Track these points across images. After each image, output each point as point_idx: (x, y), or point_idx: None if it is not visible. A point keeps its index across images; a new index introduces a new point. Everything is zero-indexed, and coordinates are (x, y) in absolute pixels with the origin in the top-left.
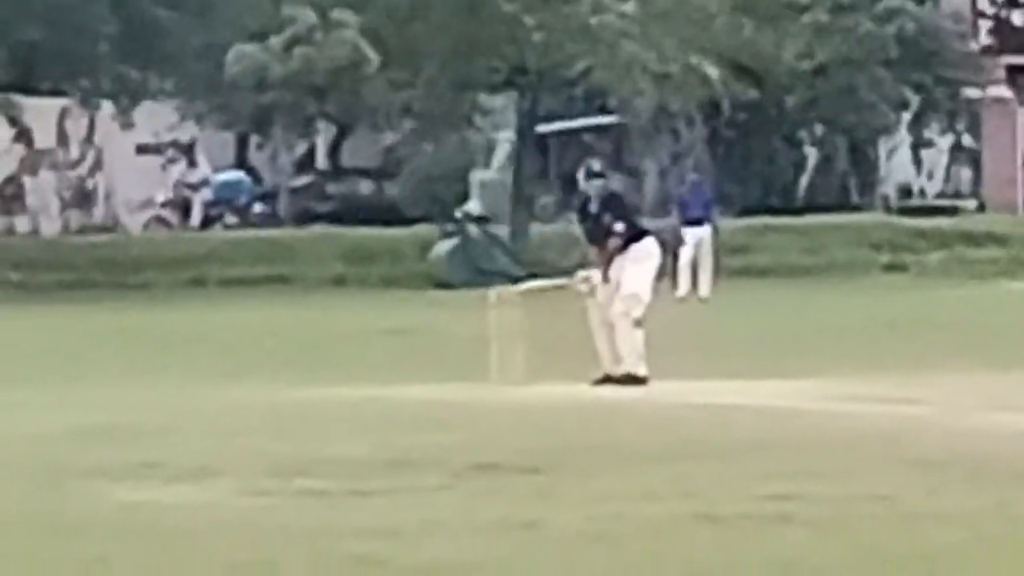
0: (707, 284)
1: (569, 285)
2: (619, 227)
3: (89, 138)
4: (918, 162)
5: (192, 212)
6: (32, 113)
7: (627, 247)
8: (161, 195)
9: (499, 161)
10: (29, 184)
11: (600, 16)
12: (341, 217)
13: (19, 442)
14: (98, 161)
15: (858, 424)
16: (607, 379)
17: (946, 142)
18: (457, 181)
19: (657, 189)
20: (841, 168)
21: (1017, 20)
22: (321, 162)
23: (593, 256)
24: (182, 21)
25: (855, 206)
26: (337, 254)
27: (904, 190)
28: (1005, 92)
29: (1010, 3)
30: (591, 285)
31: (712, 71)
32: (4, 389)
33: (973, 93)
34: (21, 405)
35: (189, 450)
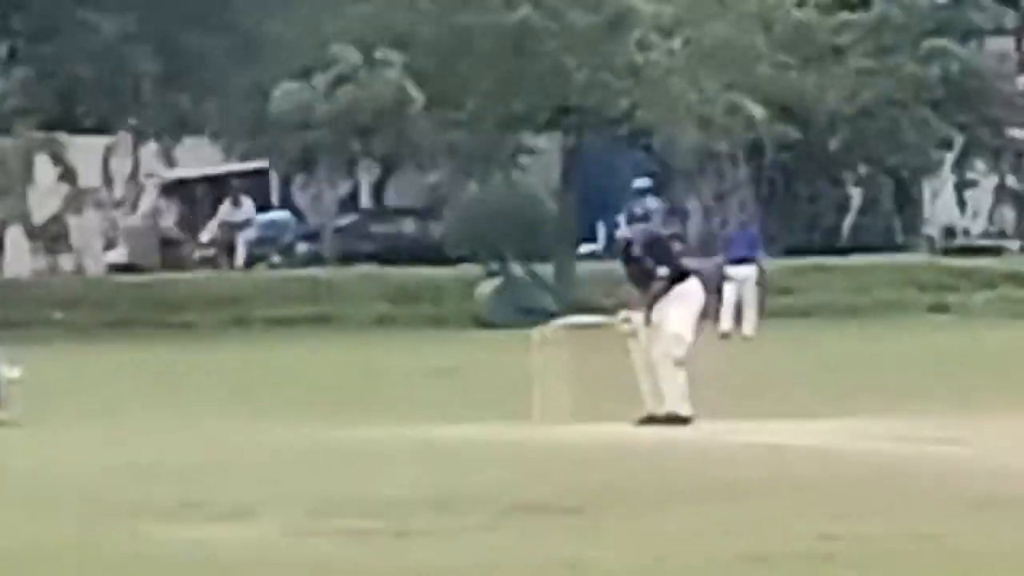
0: (752, 323)
1: (611, 324)
2: (662, 271)
3: (134, 177)
4: (962, 202)
5: (236, 251)
6: (76, 151)
7: (670, 288)
8: (205, 234)
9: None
10: (73, 223)
11: (646, 54)
12: (385, 257)
13: (62, 480)
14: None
15: (903, 464)
16: (651, 419)
17: (990, 182)
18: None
19: (700, 228)
20: (885, 208)
21: None
22: (365, 201)
23: (636, 298)
24: (227, 59)
25: (899, 246)
26: (381, 294)
27: (948, 230)
28: None
29: None
30: (633, 327)
31: (756, 111)
32: (47, 427)
33: (1018, 133)
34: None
35: (231, 489)
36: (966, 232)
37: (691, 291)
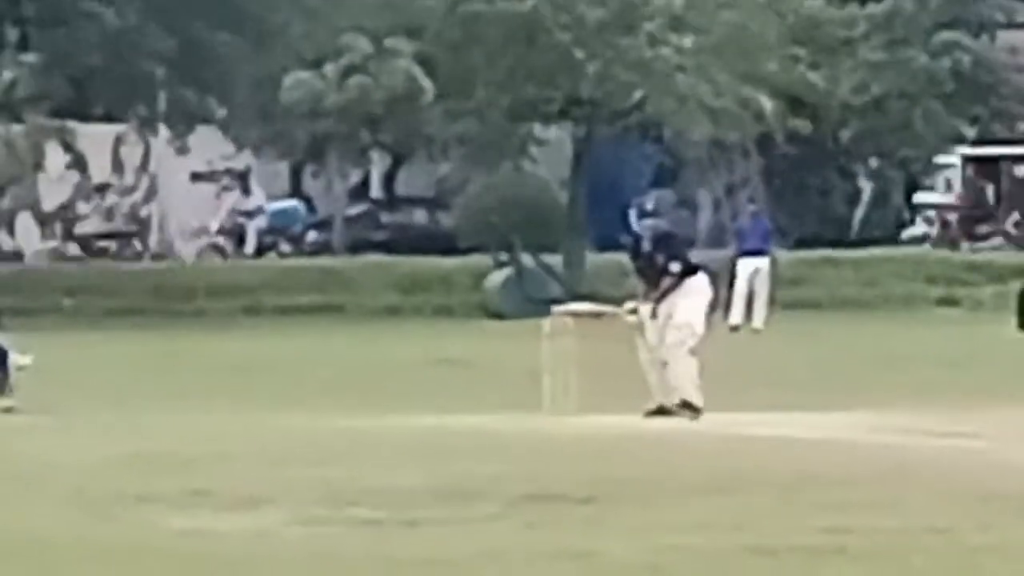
0: (762, 315)
1: (616, 313)
2: (674, 267)
3: (144, 165)
4: None
5: (246, 240)
6: (87, 140)
7: (680, 282)
8: (215, 223)
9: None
10: (83, 211)
11: (656, 49)
12: (395, 246)
13: (72, 469)
14: (152, 188)
15: (912, 457)
16: (660, 410)
17: None
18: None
19: (711, 221)
20: (896, 201)
21: None
22: (375, 191)
23: (645, 292)
24: (238, 48)
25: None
26: (391, 283)
27: None
28: None
29: None
30: (639, 318)
31: (767, 104)
32: (57, 415)
33: None
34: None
35: (242, 478)
36: None
37: (701, 285)
